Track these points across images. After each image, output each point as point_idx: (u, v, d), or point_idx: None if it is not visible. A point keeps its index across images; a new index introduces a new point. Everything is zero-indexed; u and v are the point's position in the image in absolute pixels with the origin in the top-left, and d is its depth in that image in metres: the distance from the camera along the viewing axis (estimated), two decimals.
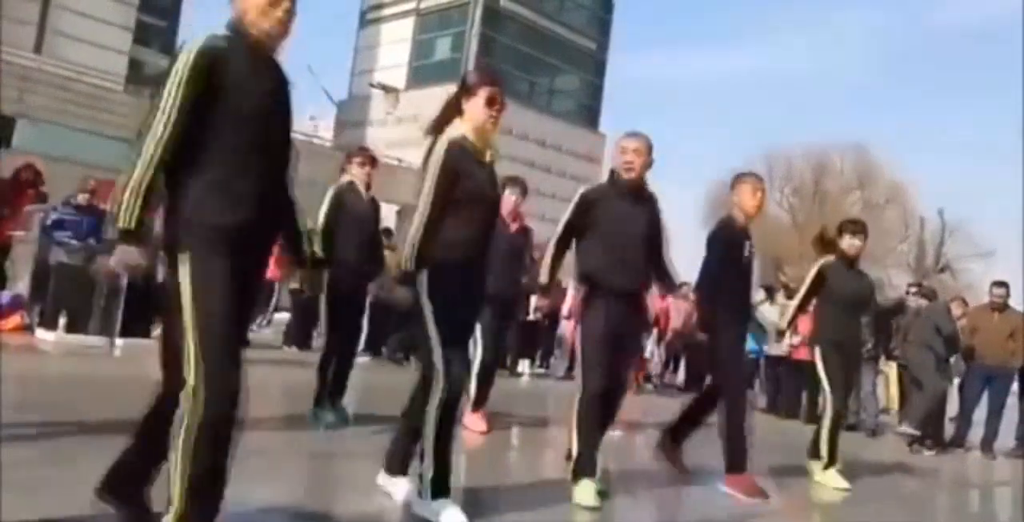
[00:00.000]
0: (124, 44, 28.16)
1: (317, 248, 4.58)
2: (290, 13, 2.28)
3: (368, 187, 5.05)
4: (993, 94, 64.35)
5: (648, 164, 3.85)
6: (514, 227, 5.59)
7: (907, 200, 36.38)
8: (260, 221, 2.22)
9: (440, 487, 2.92)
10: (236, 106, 2.17)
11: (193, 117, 2.13)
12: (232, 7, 2.29)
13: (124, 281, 7.37)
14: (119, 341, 7.51)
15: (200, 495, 2.09)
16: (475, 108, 3.07)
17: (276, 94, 2.29)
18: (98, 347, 7.32)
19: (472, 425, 5.22)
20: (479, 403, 5.33)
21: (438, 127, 3.15)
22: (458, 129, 3.08)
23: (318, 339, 11.47)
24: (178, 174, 2.17)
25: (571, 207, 3.83)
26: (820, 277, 5.12)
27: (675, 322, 11.77)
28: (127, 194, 2.09)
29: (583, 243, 3.82)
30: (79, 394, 4.63)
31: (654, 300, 8.36)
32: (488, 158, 3.10)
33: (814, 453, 5.01)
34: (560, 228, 3.87)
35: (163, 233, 2.19)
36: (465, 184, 2.98)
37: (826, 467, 4.92)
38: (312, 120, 47.85)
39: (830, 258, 5.15)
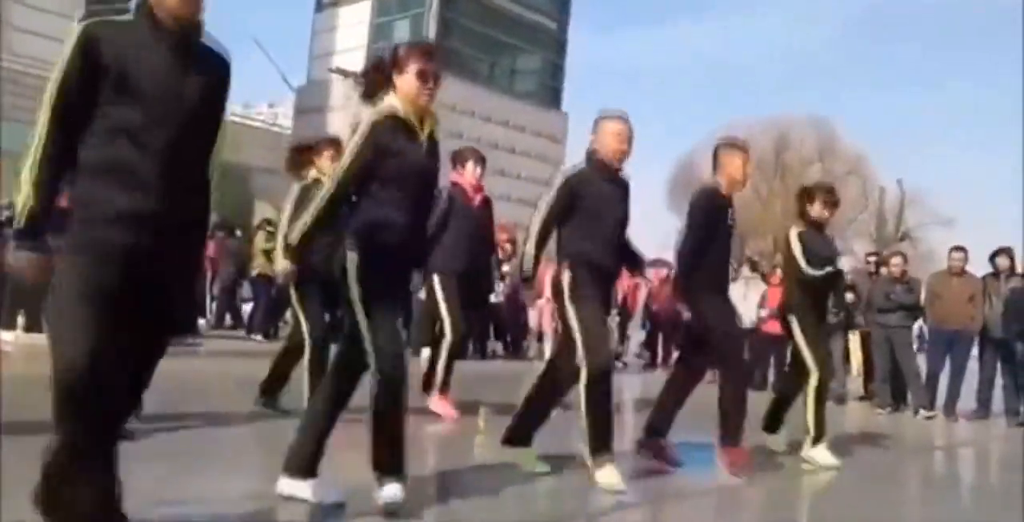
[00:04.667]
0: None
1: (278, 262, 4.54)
2: None
3: None
4: (954, 63, 65.16)
5: (631, 149, 3.84)
6: (477, 199, 5.48)
7: (867, 171, 36.85)
8: (159, 206, 2.10)
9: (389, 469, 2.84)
10: (125, 84, 2.05)
11: (81, 98, 2.04)
12: None
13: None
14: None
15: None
16: (407, 83, 2.97)
17: (182, 72, 2.14)
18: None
19: (440, 410, 5.19)
20: (445, 386, 5.28)
21: (366, 91, 3.06)
22: (390, 104, 2.97)
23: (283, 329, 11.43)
24: (77, 157, 2.09)
25: (554, 193, 3.73)
26: (803, 243, 4.95)
27: (646, 301, 11.87)
28: (21, 192, 2.03)
29: (569, 225, 3.75)
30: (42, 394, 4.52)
31: (622, 280, 8.37)
32: (425, 134, 3.00)
33: (770, 426, 4.99)
34: (543, 214, 3.74)
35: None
36: (394, 161, 2.89)
37: (815, 442, 4.78)
38: (271, 108, 47.18)
39: (800, 226, 5.04)
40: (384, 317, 2.85)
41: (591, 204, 3.72)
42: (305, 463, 2.90)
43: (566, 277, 3.68)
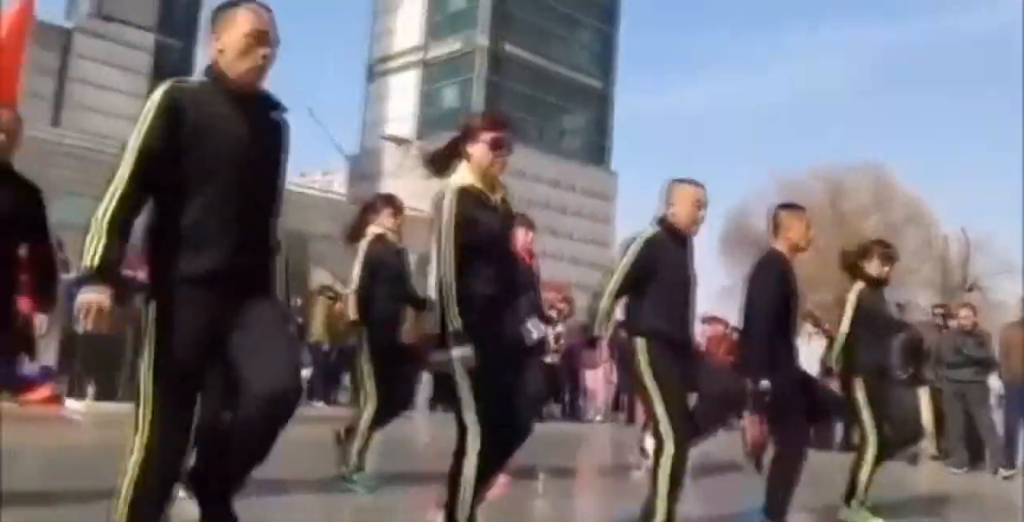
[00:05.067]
0: (137, 110, 28.81)
1: (351, 311, 4.56)
2: (268, 58, 2.25)
3: (399, 237, 4.78)
4: (1002, 99, 63.93)
5: None
6: (530, 263, 5.40)
7: (926, 218, 36.07)
8: (234, 268, 2.16)
9: None
10: (206, 149, 2.13)
11: (161, 158, 2.11)
12: (208, 49, 2.26)
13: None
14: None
15: None
16: (479, 152, 3.03)
17: (256, 137, 2.23)
18: (126, 414, 7.29)
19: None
20: None
21: (439, 167, 3.13)
22: (463, 177, 3.04)
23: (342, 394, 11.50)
24: (152, 221, 2.17)
25: (633, 256, 3.71)
26: (860, 305, 4.81)
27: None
28: (90, 235, 2.04)
29: (642, 293, 3.71)
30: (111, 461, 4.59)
31: None
32: (496, 200, 3.07)
33: (851, 493, 4.73)
34: (620, 278, 3.70)
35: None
36: (475, 231, 2.94)
37: (849, 500, 4.62)
38: (325, 175, 48.52)
39: (860, 284, 4.90)
40: (480, 393, 2.89)
41: (665, 272, 3.67)
42: None
43: (642, 351, 3.63)
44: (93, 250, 2.03)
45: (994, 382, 8.49)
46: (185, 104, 2.14)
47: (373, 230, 4.75)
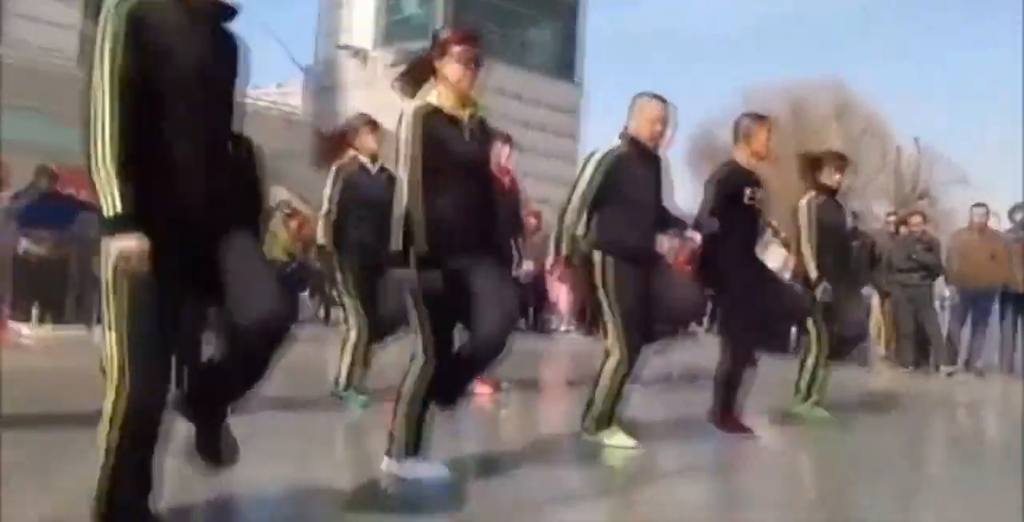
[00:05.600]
0: (73, 19, 27.32)
1: (320, 236, 4.44)
2: None
3: (376, 159, 4.54)
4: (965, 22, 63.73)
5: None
6: (506, 182, 5.30)
7: (883, 130, 36.39)
8: (207, 193, 2.06)
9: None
10: (171, 70, 2.01)
11: (134, 81, 1.96)
12: None
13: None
14: (97, 329, 7.42)
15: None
16: (449, 68, 2.93)
17: (216, 56, 2.12)
18: (75, 337, 7.10)
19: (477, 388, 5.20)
20: None
21: (408, 87, 3.03)
22: (430, 93, 2.96)
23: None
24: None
25: (590, 172, 3.71)
26: (815, 216, 4.96)
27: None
28: (97, 178, 1.90)
29: (603, 210, 3.74)
30: (66, 386, 4.44)
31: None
32: (467, 119, 2.97)
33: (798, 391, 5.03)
34: (581, 193, 3.72)
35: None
36: (439, 152, 2.87)
37: (805, 400, 4.95)
38: (279, 88, 47.00)
39: (812, 193, 5.03)
40: (436, 312, 2.90)
41: (627, 188, 3.68)
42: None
43: (599, 263, 3.68)
44: (111, 197, 1.89)
45: (941, 286, 8.79)
46: (147, 23, 1.99)
47: (349, 153, 4.60)
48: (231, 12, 2.22)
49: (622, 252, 3.68)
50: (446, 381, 2.96)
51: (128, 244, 1.90)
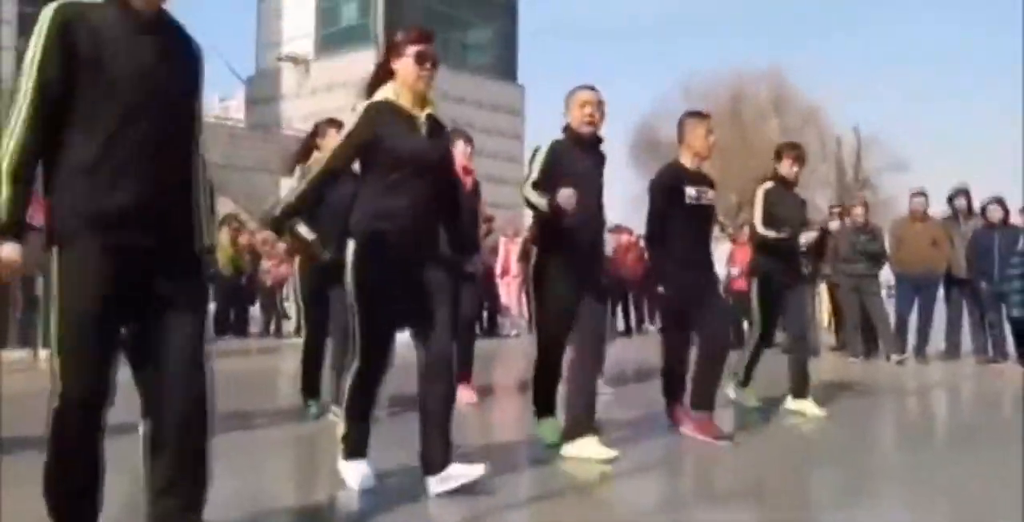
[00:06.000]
0: (8, 39, 26.67)
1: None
2: None
3: None
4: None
5: (603, 117, 3.82)
6: (468, 182, 5.25)
7: (823, 120, 37.14)
8: (144, 204, 2.00)
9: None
10: (106, 76, 1.95)
11: (62, 86, 1.93)
12: None
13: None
14: (43, 352, 7.21)
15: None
16: (404, 67, 2.98)
17: (160, 64, 2.04)
18: (20, 361, 6.98)
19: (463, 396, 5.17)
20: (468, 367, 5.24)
21: (369, 91, 3.06)
22: (382, 93, 2.99)
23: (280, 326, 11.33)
24: (49, 157, 1.98)
25: (540, 164, 3.70)
26: (767, 202, 5.07)
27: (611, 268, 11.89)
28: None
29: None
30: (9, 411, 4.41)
31: None
32: (423, 116, 2.99)
33: (743, 380, 5.26)
34: (531, 185, 3.68)
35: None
36: (389, 145, 2.89)
37: (742, 384, 5.25)
38: (222, 102, 46.35)
39: (769, 183, 5.13)
40: (375, 309, 2.88)
41: (569, 178, 3.62)
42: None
43: (535, 256, 3.70)
44: (2, 204, 1.90)
45: (885, 274, 8.96)
46: (79, 26, 1.94)
47: (316, 156, 4.57)
48: (179, 27, 2.16)
49: (559, 242, 3.66)
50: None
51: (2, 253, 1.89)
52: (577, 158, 3.75)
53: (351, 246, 2.92)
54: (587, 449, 3.56)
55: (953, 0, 59.42)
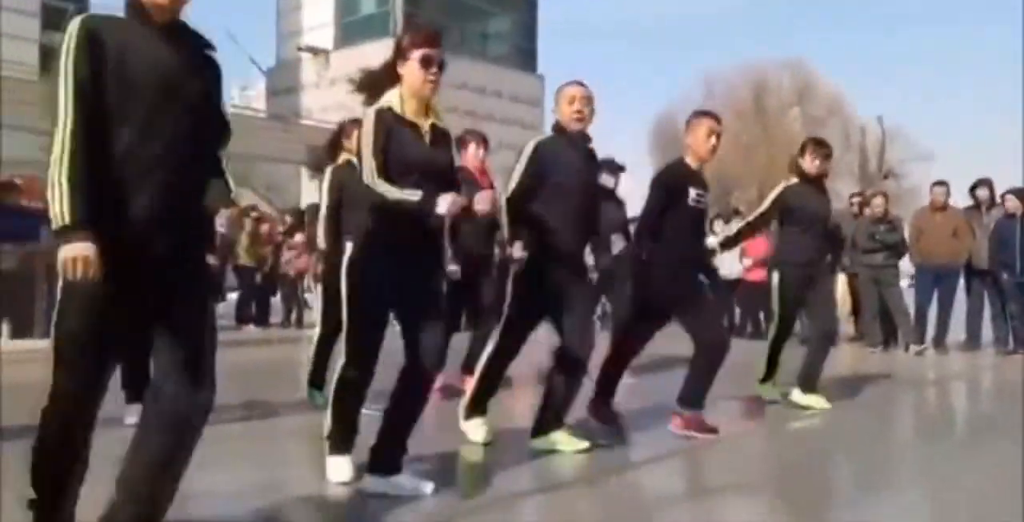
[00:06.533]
0: (33, 31, 26.94)
1: (320, 240, 4.48)
2: None
3: None
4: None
5: (593, 113, 3.72)
6: (485, 183, 5.20)
7: (846, 110, 36.81)
8: (162, 208, 2.06)
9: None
10: (129, 81, 2.03)
11: (96, 93, 2.00)
12: None
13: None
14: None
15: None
16: (410, 72, 2.93)
17: (181, 71, 2.11)
18: (43, 350, 7.12)
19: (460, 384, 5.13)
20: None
21: (369, 93, 3.03)
22: (387, 99, 2.94)
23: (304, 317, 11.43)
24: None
25: (525, 161, 3.62)
26: (780, 201, 5.02)
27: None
28: (51, 190, 1.94)
29: (535, 199, 3.62)
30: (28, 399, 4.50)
31: None
32: (428, 125, 2.96)
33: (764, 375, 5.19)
34: (516, 184, 3.63)
35: None
36: (393, 154, 2.86)
37: (763, 380, 5.16)
38: (244, 91, 46.62)
39: (792, 181, 5.06)
40: (368, 311, 2.90)
41: (559, 176, 3.60)
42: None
43: (518, 256, 3.61)
44: (61, 209, 1.94)
45: (905, 265, 8.89)
46: (104, 35, 2.03)
47: (342, 156, 4.65)
48: (200, 36, 2.24)
49: (547, 244, 3.57)
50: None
51: (75, 251, 1.92)
52: (566, 156, 3.64)
53: (348, 247, 2.95)
54: (559, 442, 3.62)
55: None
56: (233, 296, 11.61)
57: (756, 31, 65.31)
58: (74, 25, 2.03)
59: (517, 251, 3.61)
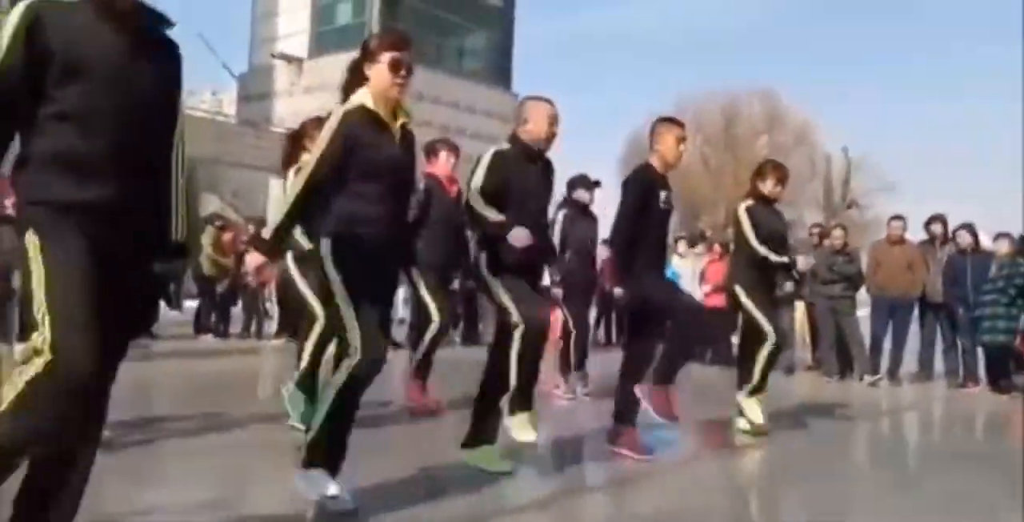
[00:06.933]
0: None
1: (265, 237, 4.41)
2: None
3: None
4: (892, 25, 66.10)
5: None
6: (453, 191, 5.38)
7: (814, 139, 37.46)
8: (116, 198, 2.01)
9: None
10: (79, 69, 1.96)
11: (24, 83, 1.93)
12: None
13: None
14: (18, 346, 7.19)
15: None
16: (378, 74, 2.97)
17: (138, 57, 2.05)
18: None
19: (421, 399, 5.17)
20: (422, 374, 5.23)
21: (344, 93, 3.05)
22: (359, 98, 2.97)
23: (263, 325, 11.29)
24: (24, 149, 1.99)
25: (485, 168, 3.67)
26: (752, 219, 5.08)
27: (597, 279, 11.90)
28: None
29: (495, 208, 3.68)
30: None
31: None
32: (398, 126, 3.00)
33: (744, 383, 5.04)
34: (476, 190, 3.68)
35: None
36: (365, 154, 2.88)
37: (753, 392, 4.98)
38: (214, 95, 46.19)
39: (750, 201, 5.16)
40: (362, 294, 2.86)
41: (514, 188, 3.66)
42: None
43: (483, 256, 3.67)
44: None
45: (863, 295, 9.07)
46: (49, 22, 1.95)
47: (306, 157, 4.49)
48: (162, 20, 2.18)
49: (508, 251, 3.61)
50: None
51: None
52: (525, 171, 3.72)
53: (325, 245, 2.91)
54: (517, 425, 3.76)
55: (955, 27, 59.98)
56: (192, 304, 11.45)
57: (729, 56, 66.38)
58: (16, 11, 1.95)
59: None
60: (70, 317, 1.88)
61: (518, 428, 3.97)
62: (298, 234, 4.29)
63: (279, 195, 4.65)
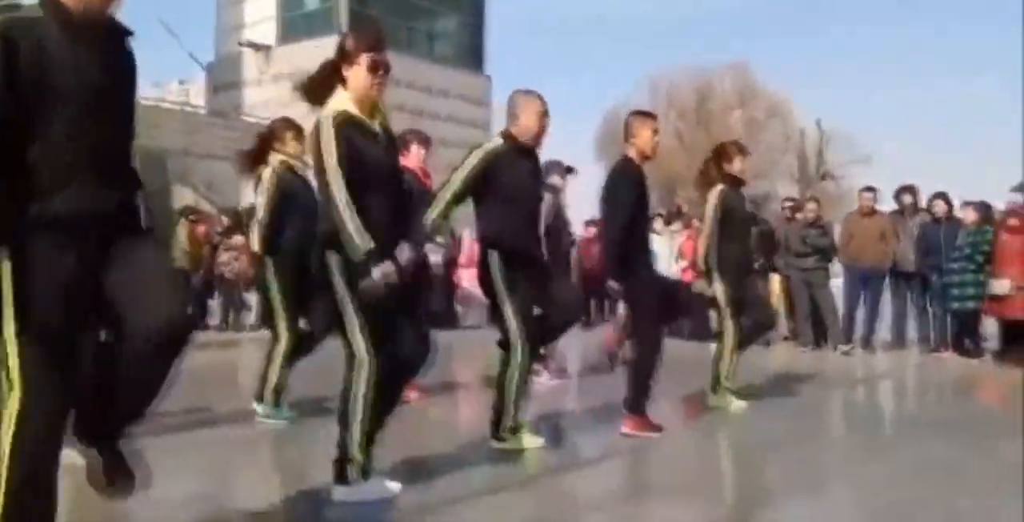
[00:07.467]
0: None
1: (255, 243, 4.41)
2: None
3: (304, 163, 4.43)
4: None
5: None
6: (428, 184, 5.26)
7: (787, 114, 37.60)
8: (95, 208, 2.03)
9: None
10: (47, 84, 1.96)
11: (12, 103, 1.92)
12: None
13: None
14: None
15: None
16: (357, 76, 2.93)
17: (103, 68, 2.05)
18: None
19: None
20: None
21: (316, 95, 3.01)
22: (340, 103, 2.93)
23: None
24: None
25: (475, 164, 3.68)
26: (725, 205, 5.11)
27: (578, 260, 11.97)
28: None
29: (487, 206, 3.74)
30: None
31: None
32: (377, 127, 2.99)
33: (716, 381, 5.07)
34: (456, 186, 3.69)
35: None
36: (356, 160, 2.86)
37: (723, 389, 5.01)
38: (182, 85, 45.52)
39: (721, 186, 5.15)
40: (376, 315, 2.88)
41: (510, 186, 3.68)
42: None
43: (494, 263, 3.69)
44: None
45: (837, 267, 9.20)
46: (17, 36, 1.94)
47: (277, 158, 4.55)
48: (121, 27, 2.18)
49: (513, 249, 3.69)
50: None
51: None
52: (519, 167, 3.75)
53: (335, 261, 2.88)
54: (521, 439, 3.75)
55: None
56: None
57: (702, 31, 66.35)
58: None
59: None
60: (45, 380, 1.93)
61: (523, 440, 3.82)
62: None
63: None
